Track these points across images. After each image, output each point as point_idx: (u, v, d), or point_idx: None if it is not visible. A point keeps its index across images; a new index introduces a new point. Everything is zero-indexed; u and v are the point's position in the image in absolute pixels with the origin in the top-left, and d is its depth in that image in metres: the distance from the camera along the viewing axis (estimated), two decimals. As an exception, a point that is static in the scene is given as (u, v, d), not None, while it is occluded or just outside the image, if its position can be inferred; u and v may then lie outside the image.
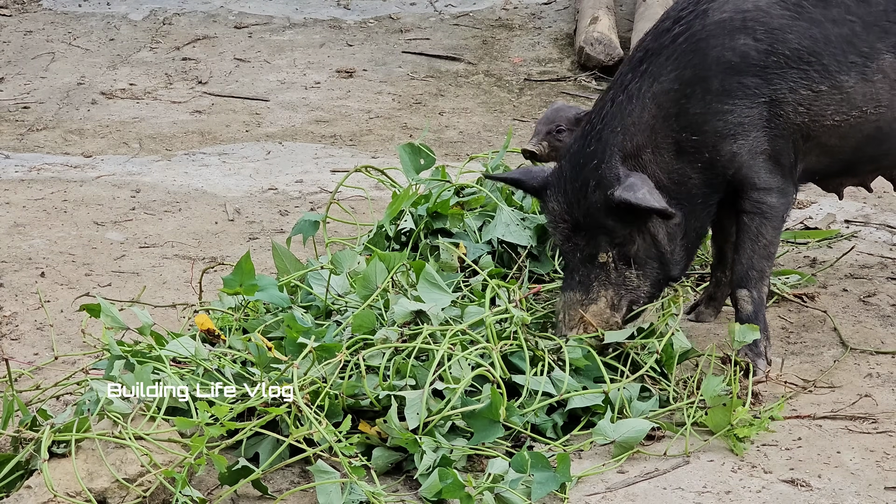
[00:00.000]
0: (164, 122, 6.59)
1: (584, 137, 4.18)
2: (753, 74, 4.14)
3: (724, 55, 4.13)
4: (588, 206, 4.12)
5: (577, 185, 4.14)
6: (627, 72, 4.19)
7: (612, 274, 4.18)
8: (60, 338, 4.41)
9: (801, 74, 4.15)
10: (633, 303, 4.21)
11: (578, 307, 4.15)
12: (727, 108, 4.13)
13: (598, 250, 4.16)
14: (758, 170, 4.20)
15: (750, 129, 4.15)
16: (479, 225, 4.68)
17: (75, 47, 7.64)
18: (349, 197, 5.49)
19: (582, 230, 4.16)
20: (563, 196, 4.17)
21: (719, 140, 4.14)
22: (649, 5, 7.47)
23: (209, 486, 3.63)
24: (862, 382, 4.24)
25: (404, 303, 3.97)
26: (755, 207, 4.23)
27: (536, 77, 7.31)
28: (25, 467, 3.53)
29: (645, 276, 4.20)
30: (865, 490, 3.70)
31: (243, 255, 4.06)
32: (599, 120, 4.16)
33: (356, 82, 7.19)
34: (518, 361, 3.97)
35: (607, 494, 3.67)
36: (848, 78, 4.17)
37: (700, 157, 4.17)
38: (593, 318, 4.14)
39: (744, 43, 4.14)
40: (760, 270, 4.27)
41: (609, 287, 4.17)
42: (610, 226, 4.13)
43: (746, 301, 4.27)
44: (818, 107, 4.17)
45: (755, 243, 4.26)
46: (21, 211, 5.45)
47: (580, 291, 4.17)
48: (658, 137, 4.15)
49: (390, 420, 3.66)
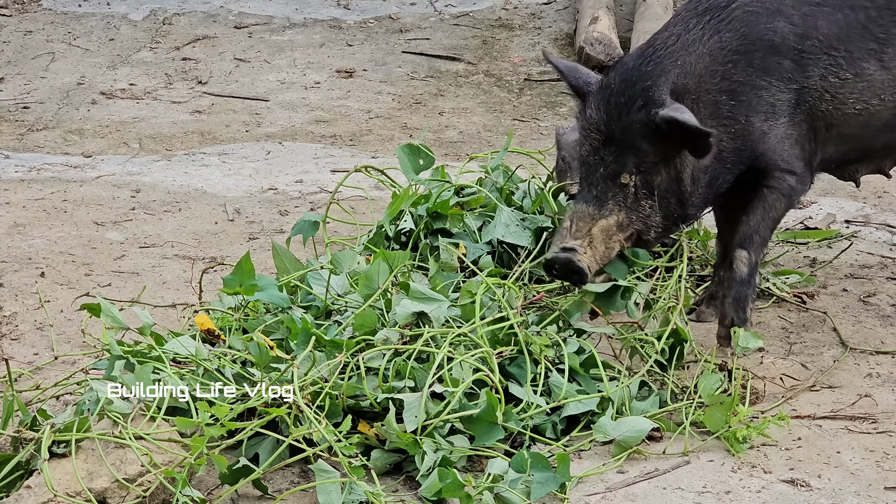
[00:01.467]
0: (164, 122, 6.59)
1: (642, 56, 4.17)
2: (790, 58, 4.16)
3: (766, 34, 4.18)
4: (628, 123, 4.10)
5: (622, 100, 4.11)
6: (691, 17, 4.21)
7: (630, 198, 4.15)
8: (60, 338, 4.41)
9: (830, 61, 4.18)
10: (641, 233, 4.19)
11: (589, 220, 4.12)
12: (763, 84, 4.16)
13: (623, 170, 4.13)
14: (783, 153, 4.23)
15: (780, 113, 4.19)
16: (479, 225, 4.67)
17: (75, 47, 7.64)
18: (349, 197, 5.49)
19: (613, 145, 4.13)
20: (604, 106, 4.14)
21: (752, 114, 4.17)
22: (649, 5, 7.47)
23: (209, 486, 3.63)
24: (862, 382, 4.24)
25: (406, 304, 3.97)
26: (777, 183, 4.27)
27: (536, 77, 7.31)
28: (25, 467, 3.53)
29: (660, 208, 4.18)
30: (865, 490, 3.70)
31: (243, 255, 4.06)
32: (664, 47, 4.16)
33: (356, 82, 7.19)
34: (517, 370, 3.96)
35: (607, 494, 3.67)
36: (868, 65, 4.20)
37: (734, 124, 4.18)
38: (599, 233, 4.12)
39: (783, 25, 4.17)
40: (763, 237, 4.31)
41: (623, 209, 4.14)
42: (643, 149, 4.10)
43: (743, 262, 4.28)
44: (843, 95, 4.20)
45: (767, 212, 4.30)
46: (21, 211, 5.45)
47: (593, 205, 4.13)
48: (701, 89, 4.17)
49: (388, 423, 3.66)
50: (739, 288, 4.28)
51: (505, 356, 3.96)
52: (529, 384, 3.91)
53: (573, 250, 4.07)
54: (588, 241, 4.10)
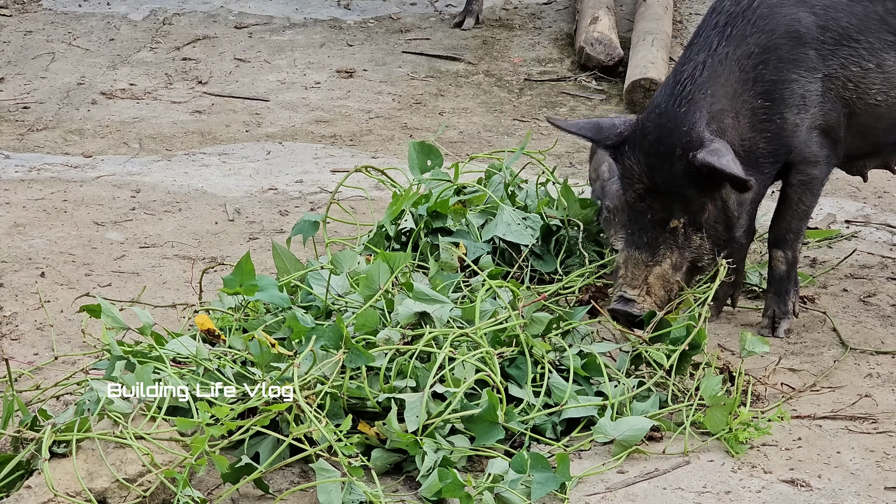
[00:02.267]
0: (164, 122, 6.59)
1: (672, 96, 4.16)
2: (813, 48, 4.18)
3: (792, 24, 4.20)
4: (671, 174, 4.11)
5: (661, 150, 4.11)
6: (713, 36, 4.20)
7: (680, 238, 4.19)
8: (60, 338, 4.41)
9: (851, 52, 4.19)
10: (694, 261, 4.24)
11: (643, 267, 4.17)
12: (794, 76, 4.20)
13: (672, 216, 4.17)
14: (811, 143, 4.27)
15: (810, 104, 4.22)
16: (481, 224, 4.67)
17: (75, 47, 7.64)
18: (349, 197, 5.49)
19: (658, 194, 4.15)
20: (643, 157, 4.14)
21: (786, 109, 4.20)
22: (649, 5, 7.47)
23: (209, 486, 3.63)
24: (862, 382, 4.24)
25: (408, 304, 3.97)
26: (800, 179, 4.32)
27: (536, 77, 7.31)
28: (26, 467, 3.53)
29: (709, 238, 4.24)
30: (865, 490, 3.70)
31: (243, 256, 4.06)
32: (692, 81, 4.15)
33: (356, 82, 7.19)
34: (518, 371, 3.96)
35: (607, 494, 3.67)
36: (888, 56, 4.24)
37: (770, 125, 4.21)
38: (656, 280, 4.16)
39: (806, 15, 4.20)
40: (796, 231, 4.40)
41: (675, 250, 4.20)
42: (689, 195, 4.14)
43: (780, 261, 4.41)
44: (865, 84, 4.23)
45: (795, 210, 4.37)
46: (21, 211, 5.45)
47: (646, 252, 4.17)
48: (738, 103, 4.18)
49: (390, 423, 3.66)
50: (779, 284, 4.44)
51: (506, 356, 3.96)
52: (530, 385, 3.91)
53: (632, 301, 4.15)
54: (645, 290, 4.17)
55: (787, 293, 4.44)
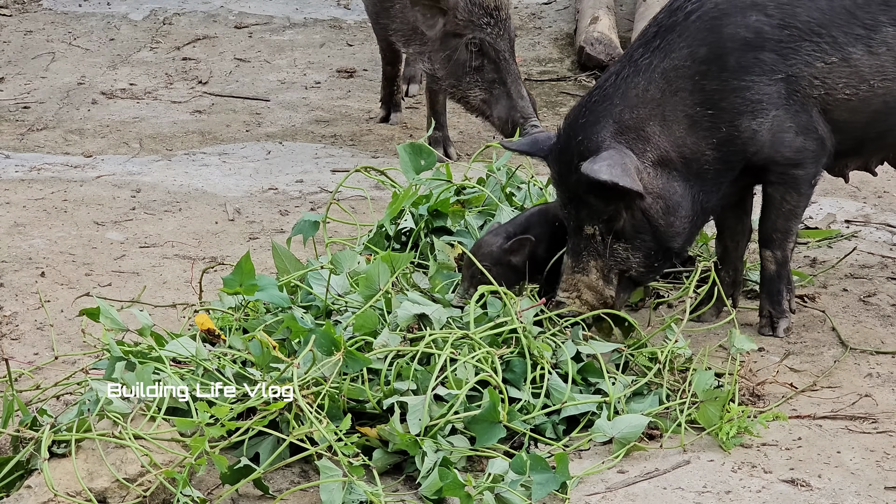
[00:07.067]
0: (165, 122, 6.59)
1: (580, 108, 4.22)
2: (769, 50, 4.17)
3: (738, 32, 4.17)
4: (572, 182, 4.16)
5: (564, 159, 4.18)
6: (638, 47, 4.23)
7: (600, 246, 4.20)
8: (60, 338, 4.41)
9: (813, 47, 4.18)
10: (624, 272, 4.23)
11: (570, 272, 4.20)
12: (744, 84, 4.16)
13: (584, 223, 4.19)
14: (782, 145, 4.24)
15: (769, 107, 4.19)
16: (480, 224, 4.68)
17: (75, 47, 7.64)
18: (349, 197, 5.49)
19: (571, 202, 4.20)
20: (556, 166, 4.22)
21: (737, 117, 4.17)
22: (649, 5, 7.47)
23: (209, 486, 3.63)
24: (862, 382, 4.24)
25: (408, 306, 3.97)
26: (780, 179, 4.32)
27: (536, 77, 7.31)
28: (25, 467, 3.53)
29: (635, 249, 4.22)
30: (865, 490, 3.70)
31: (243, 255, 4.06)
32: (599, 93, 4.20)
33: (356, 82, 7.19)
34: (517, 372, 3.96)
35: (607, 494, 3.67)
36: (855, 50, 4.21)
37: (716, 132, 4.19)
38: (587, 291, 4.18)
39: (756, 19, 4.17)
40: (784, 231, 4.39)
41: (597, 258, 4.21)
42: (592, 202, 4.16)
43: (769, 261, 4.41)
44: (831, 80, 4.20)
45: (779, 209, 4.36)
46: (21, 211, 5.45)
47: (572, 258, 4.22)
48: (665, 111, 4.16)
49: (392, 426, 3.66)
50: (770, 284, 4.44)
51: (504, 358, 3.96)
52: (529, 385, 3.91)
53: (563, 304, 4.21)
54: (575, 294, 4.20)
55: (780, 293, 4.44)
